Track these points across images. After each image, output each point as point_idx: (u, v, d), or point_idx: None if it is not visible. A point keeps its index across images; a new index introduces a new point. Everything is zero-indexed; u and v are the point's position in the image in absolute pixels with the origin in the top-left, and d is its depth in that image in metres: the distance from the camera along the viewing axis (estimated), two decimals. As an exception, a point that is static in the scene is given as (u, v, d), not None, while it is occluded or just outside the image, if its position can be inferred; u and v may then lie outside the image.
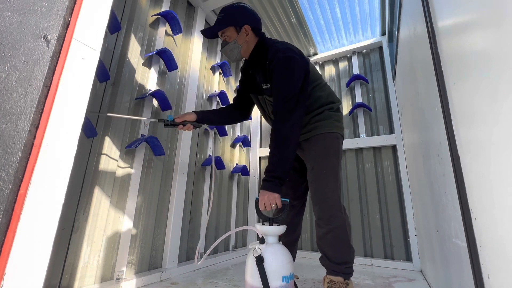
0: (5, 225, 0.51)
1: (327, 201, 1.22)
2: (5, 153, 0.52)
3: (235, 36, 1.30)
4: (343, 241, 1.20)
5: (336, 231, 1.19)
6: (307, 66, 1.28)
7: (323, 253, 1.24)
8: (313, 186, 1.27)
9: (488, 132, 0.47)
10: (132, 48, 1.61)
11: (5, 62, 0.56)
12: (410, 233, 2.01)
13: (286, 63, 1.20)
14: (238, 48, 1.31)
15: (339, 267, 1.18)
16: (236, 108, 1.55)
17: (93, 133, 1.28)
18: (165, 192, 1.76)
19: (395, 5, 2.06)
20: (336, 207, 1.21)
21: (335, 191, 1.23)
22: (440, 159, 0.86)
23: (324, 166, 1.26)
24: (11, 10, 0.58)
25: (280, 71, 1.20)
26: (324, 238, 1.21)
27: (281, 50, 1.22)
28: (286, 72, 1.19)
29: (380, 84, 2.58)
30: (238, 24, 1.29)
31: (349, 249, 1.21)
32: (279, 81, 1.20)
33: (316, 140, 1.31)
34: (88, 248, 1.26)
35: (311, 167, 1.30)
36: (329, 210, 1.21)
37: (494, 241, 0.48)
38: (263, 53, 1.29)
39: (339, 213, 1.21)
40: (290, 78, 1.19)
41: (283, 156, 1.15)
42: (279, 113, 1.18)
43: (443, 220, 0.92)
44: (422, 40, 0.98)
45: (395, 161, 2.26)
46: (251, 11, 1.35)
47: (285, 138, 1.15)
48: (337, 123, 1.35)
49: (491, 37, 0.45)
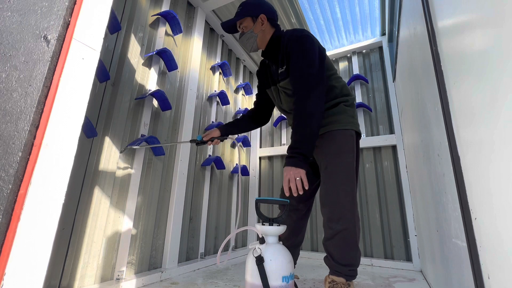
0: (5, 225, 0.51)
1: (339, 202, 1.17)
2: (5, 153, 0.52)
3: (251, 26, 1.36)
4: (350, 244, 1.16)
5: (345, 233, 1.15)
6: (323, 49, 1.30)
7: (328, 253, 1.21)
8: (326, 186, 1.22)
9: (488, 132, 0.47)
10: (132, 48, 1.61)
11: (5, 62, 0.56)
12: (410, 233, 2.01)
13: (303, 40, 1.23)
14: (254, 37, 1.36)
15: (343, 268, 1.16)
16: (256, 113, 1.61)
17: (93, 133, 1.28)
18: (165, 192, 1.76)
19: (395, 5, 2.06)
20: (348, 209, 1.16)
21: (348, 192, 1.18)
22: (440, 159, 0.86)
23: (338, 165, 1.21)
24: (11, 10, 0.58)
25: (298, 49, 1.21)
26: (332, 239, 1.17)
27: (296, 31, 1.28)
28: (304, 48, 1.21)
29: (380, 84, 2.58)
30: (254, 14, 1.35)
31: (355, 252, 1.17)
32: (297, 58, 1.21)
33: (330, 137, 1.26)
34: (88, 248, 1.26)
35: (325, 166, 1.24)
36: (339, 211, 1.16)
37: (494, 241, 0.48)
38: (278, 41, 1.34)
39: (349, 215, 1.16)
40: (308, 54, 1.20)
41: (307, 132, 1.13)
42: (302, 89, 1.17)
43: (443, 220, 0.92)
44: (422, 40, 0.98)
45: (395, 161, 2.26)
46: (268, 3, 1.41)
47: (310, 114, 1.14)
48: (352, 119, 1.30)
49: (491, 37, 0.45)
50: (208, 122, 2.30)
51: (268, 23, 1.36)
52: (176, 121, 1.92)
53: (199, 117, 2.19)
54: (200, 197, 2.08)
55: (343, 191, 1.18)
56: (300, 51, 1.22)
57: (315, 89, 1.17)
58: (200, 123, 2.20)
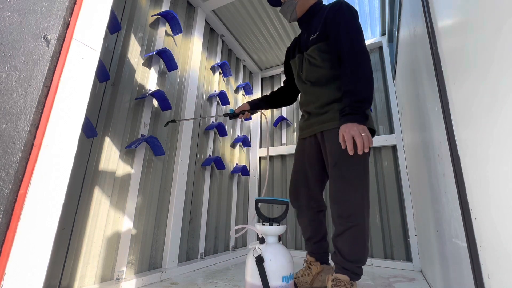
0: (5, 225, 0.51)
1: (350, 200, 1.13)
2: (5, 153, 0.52)
3: None
4: (360, 240, 1.12)
5: (355, 229, 1.11)
6: None
7: (336, 249, 1.17)
8: (335, 184, 1.17)
9: (488, 132, 0.47)
10: (132, 48, 1.61)
11: (5, 62, 0.56)
12: (410, 233, 2.01)
13: (352, 9, 1.24)
14: (294, 5, 1.39)
15: (349, 265, 1.13)
16: (284, 91, 1.64)
17: (93, 133, 1.28)
18: (165, 192, 1.76)
19: (395, 5, 2.06)
20: (358, 206, 1.13)
21: (358, 190, 1.14)
22: (440, 159, 0.86)
23: (348, 162, 1.14)
24: (11, 10, 0.58)
25: (349, 18, 1.21)
26: (341, 235, 1.14)
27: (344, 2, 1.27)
28: (354, 17, 1.22)
29: (380, 84, 2.58)
30: None
31: (364, 249, 1.14)
32: (350, 25, 1.20)
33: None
34: (88, 248, 1.26)
35: (334, 163, 1.18)
36: (349, 208, 1.13)
37: (494, 241, 0.48)
38: (319, 9, 1.38)
39: (360, 211, 1.12)
40: (358, 23, 1.21)
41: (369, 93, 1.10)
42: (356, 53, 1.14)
43: (443, 220, 0.92)
44: (422, 40, 0.98)
45: (395, 161, 2.26)
46: None
47: (369, 79, 1.12)
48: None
49: (491, 37, 0.45)
50: (208, 122, 2.30)
51: None
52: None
53: (199, 117, 2.19)
54: (200, 197, 2.08)
55: (354, 189, 1.14)
56: (349, 14, 1.22)
57: (367, 55, 1.17)
58: (200, 123, 2.20)
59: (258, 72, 3.29)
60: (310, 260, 1.37)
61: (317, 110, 1.31)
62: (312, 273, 1.34)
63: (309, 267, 1.36)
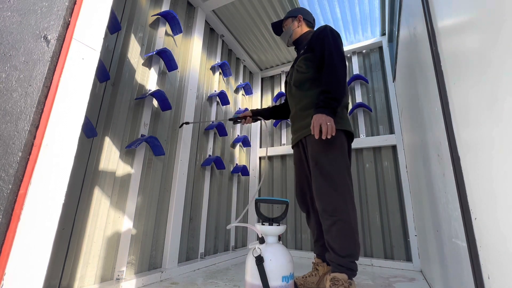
0: (5, 225, 0.51)
1: (332, 195, 1.22)
2: (5, 153, 0.52)
3: (290, 23, 1.65)
4: (347, 234, 1.19)
5: (341, 223, 1.19)
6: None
7: (329, 247, 1.23)
8: (317, 181, 1.27)
9: (488, 132, 0.47)
10: (132, 48, 1.61)
11: (5, 62, 0.56)
12: (410, 233, 2.01)
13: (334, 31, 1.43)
14: (290, 33, 1.64)
15: (344, 260, 1.17)
16: (283, 106, 1.79)
17: (93, 133, 1.28)
18: (165, 192, 1.76)
19: (395, 5, 2.06)
20: (340, 201, 1.21)
21: (339, 185, 1.23)
22: (440, 159, 0.86)
23: (327, 160, 1.26)
24: (11, 10, 0.58)
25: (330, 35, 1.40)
26: (329, 231, 1.21)
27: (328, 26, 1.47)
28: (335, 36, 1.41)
29: (380, 84, 2.58)
30: (293, 15, 1.66)
31: (354, 243, 1.19)
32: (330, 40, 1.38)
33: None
34: (88, 248, 1.26)
35: (315, 163, 1.30)
36: (332, 203, 1.21)
37: (494, 241, 0.48)
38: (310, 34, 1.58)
39: (343, 205, 1.21)
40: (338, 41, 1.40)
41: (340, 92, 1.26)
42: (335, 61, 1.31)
43: (443, 220, 0.92)
44: (422, 40, 0.98)
45: (395, 161, 2.26)
46: (306, 9, 1.71)
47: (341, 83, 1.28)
48: (340, 120, 1.33)
49: (491, 37, 0.45)
50: (208, 122, 2.29)
51: (304, 22, 1.64)
52: (176, 121, 1.92)
53: (199, 117, 2.19)
54: (200, 197, 2.08)
55: (334, 185, 1.23)
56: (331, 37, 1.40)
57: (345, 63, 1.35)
58: (200, 123, 2.20)
59: (258, 72, 3.29)
60: (317, 262, 1.45)
61: (300, 113, 1.44)
62: (319, 274, 1.41)
63: (316, 268, 1.43)
